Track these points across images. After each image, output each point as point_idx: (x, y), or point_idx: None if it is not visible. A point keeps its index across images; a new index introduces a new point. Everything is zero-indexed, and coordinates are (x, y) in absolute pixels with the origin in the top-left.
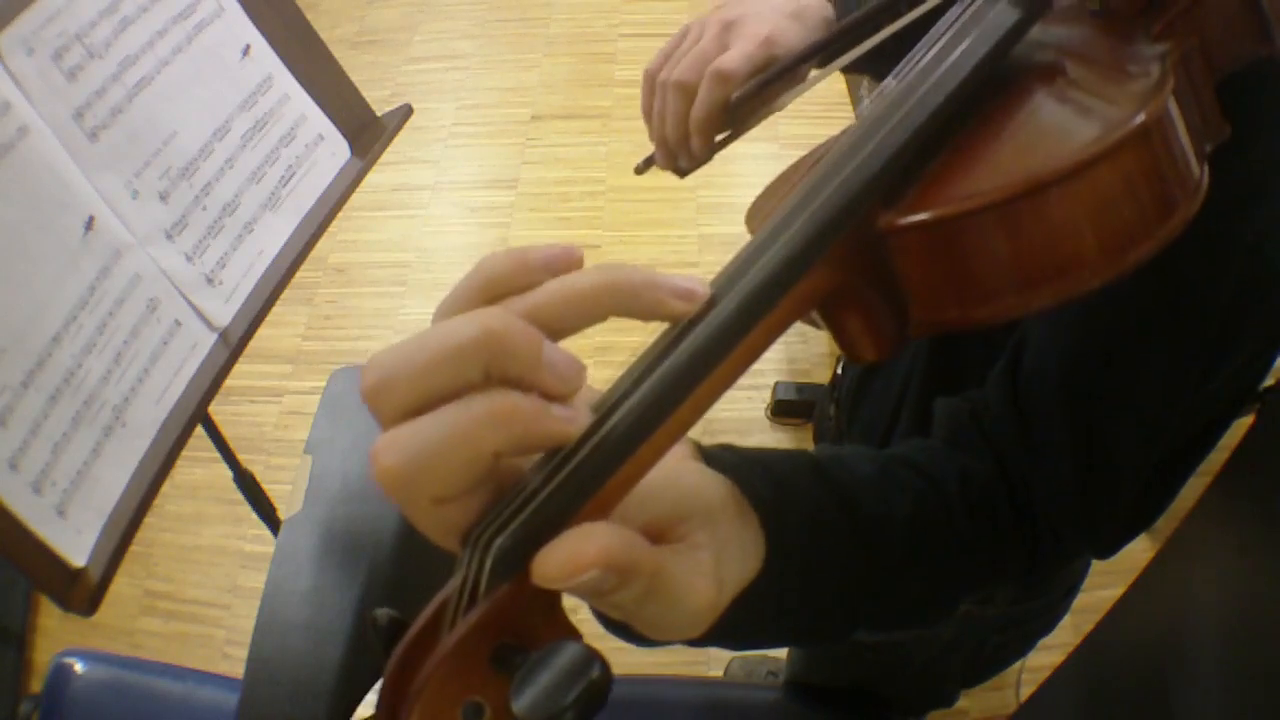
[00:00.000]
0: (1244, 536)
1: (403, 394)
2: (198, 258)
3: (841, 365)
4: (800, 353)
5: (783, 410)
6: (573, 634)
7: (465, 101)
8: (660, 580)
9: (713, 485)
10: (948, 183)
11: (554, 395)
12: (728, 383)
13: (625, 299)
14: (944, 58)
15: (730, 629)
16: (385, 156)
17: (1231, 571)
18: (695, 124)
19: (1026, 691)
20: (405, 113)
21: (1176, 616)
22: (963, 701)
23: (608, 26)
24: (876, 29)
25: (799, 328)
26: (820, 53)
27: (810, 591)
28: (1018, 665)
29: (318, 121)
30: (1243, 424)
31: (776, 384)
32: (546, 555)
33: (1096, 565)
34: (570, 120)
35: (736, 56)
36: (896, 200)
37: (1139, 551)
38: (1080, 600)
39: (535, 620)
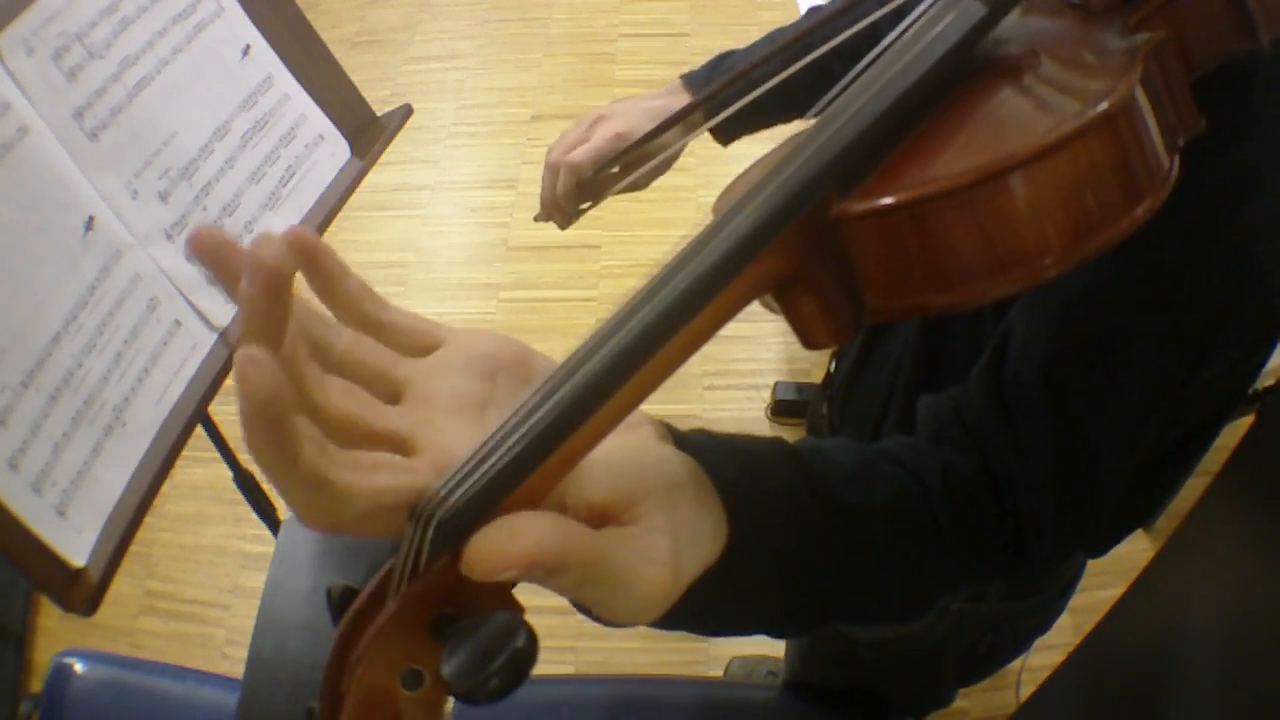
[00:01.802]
0: (1244, 536)
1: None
2: None
3: (834, 363)
4: (800, 353)
5: (783, 410)
6: (511, 605)
7: (465, 101)
8: (599, 570)
9: (675, 465)
10: (904, 170)
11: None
12: (676, 363)
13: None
14: (909, 49)
15: (696, 612)
16: (385, 156)
17: (1232, 571)
18: (558, 195)
19: (1026, 691)
20: (405, 113)
21: (1176, 616)
22: (963, 701)
23: (608, 26)
24: (710, 114)
25: None
26: (642, 145)
27: (781, 577)
28: (1018, 665)
29: (318, 121)
30: (1243, 424)
31: (776, 384)
32: (474, 548)
33: (1096, 565)
34: (570, 120)
35: (585, 150)
36: (853, 188)
37: (1139, 551)
38: (1080, 600)
39: (476, 591)
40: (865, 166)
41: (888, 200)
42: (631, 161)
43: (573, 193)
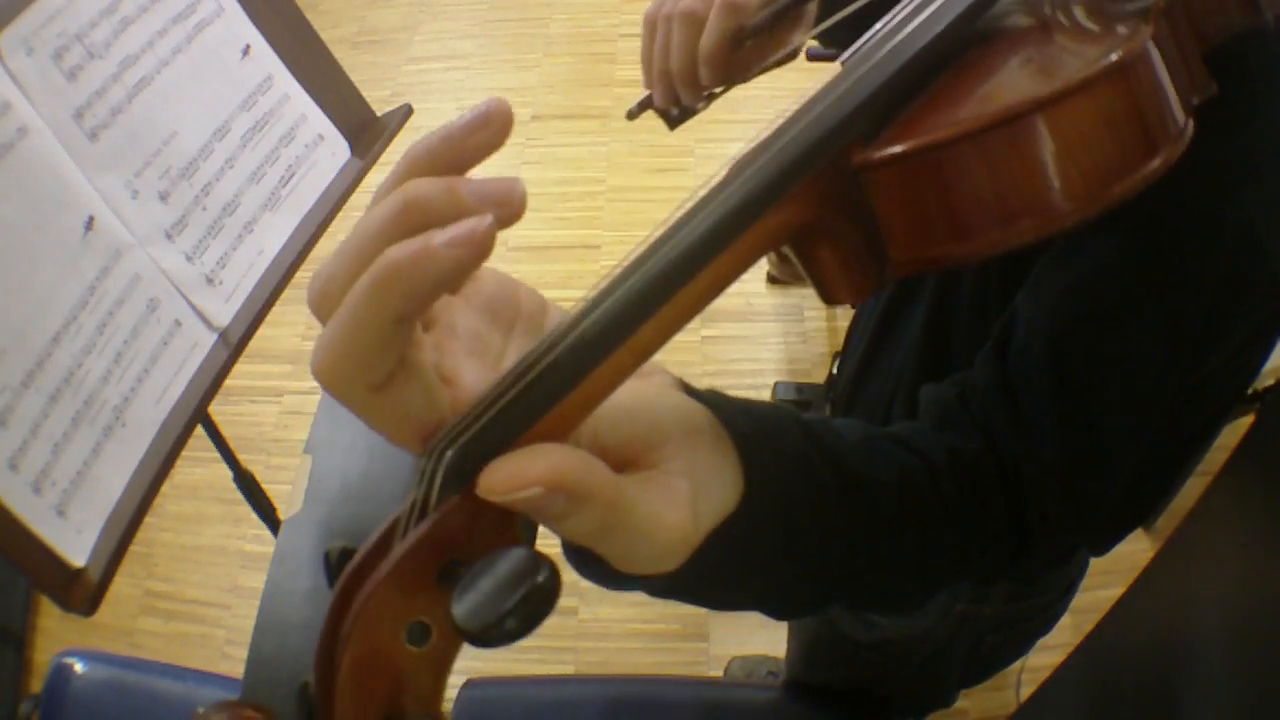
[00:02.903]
0: (1245, 536)
1: (340, 296)
2: (198, 258)
3: (838, 364)
4: (800, 353)
5: None
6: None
7: (465, 101)
8: (621, 513)
9: (692, 412)
10: (925, 118)
11: (500, 221)
12: (695, 307)
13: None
14: (927, 4)
15: (708, 571)
16: (385, 156)
17: (1232, 570)
18: (704, 54)
19: (1026, 691)
20: (405, 113)
21: (1177, 616)
22: (963, 701)
23: (608, 26)
24: None
25: (799, 329)
26: None
27: (791, 540)
28: (1018, 665)
29: (318, 121)
30: (1243, 424)
31: (777, 384)
32: (493, 468)
33: (1096, 565)
34: (570, 120)
35: None
36: (874, 138)
37: (1139, 551)
38: (1080, 600)
39: (489, 538)
40: (886, 117)
41: (910, 145)
42: (787, 22)
43: (726, 46)
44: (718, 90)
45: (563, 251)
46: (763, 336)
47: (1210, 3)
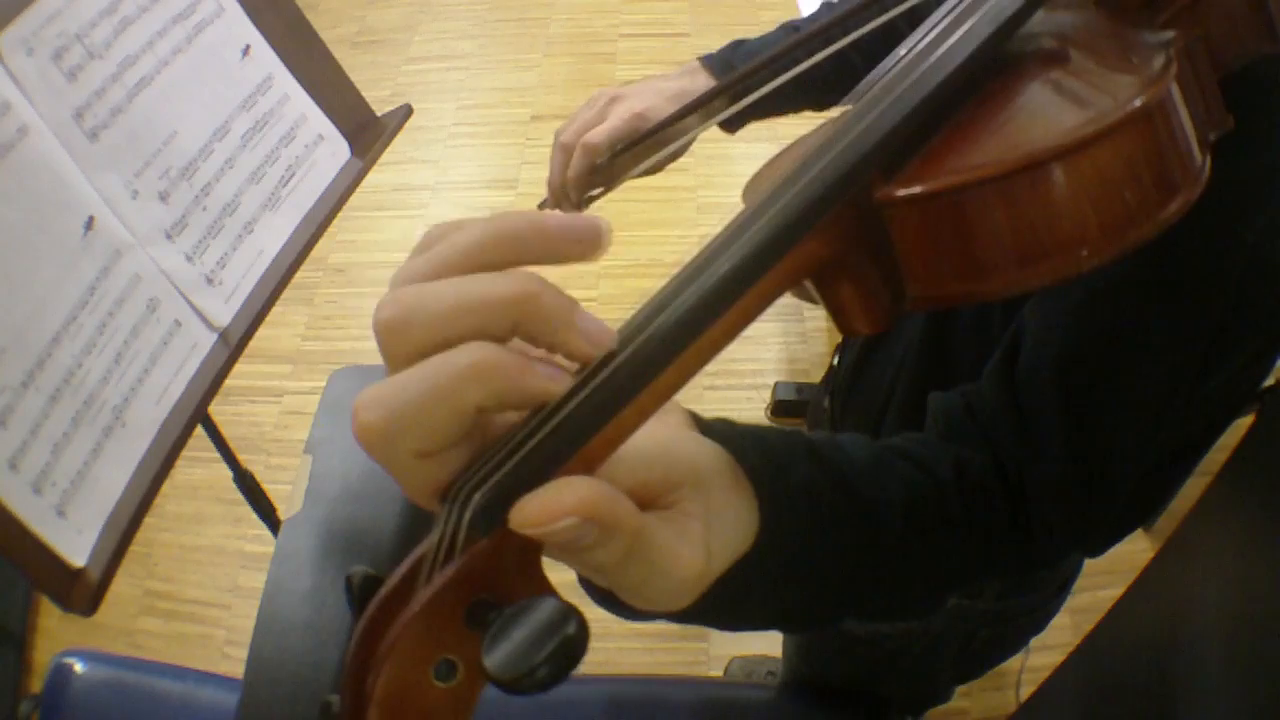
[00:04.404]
0: (1244, 536)
1: (419, 335)
2: (198, 258)
3: (837, 358)
4: (800, 353)
5: (783, 410)
6: (550, 591)
7: (465, 101)
8: (643, 544)
9: (707, 454)
10: (947, 157)
11: (581, 358)
12: (717, 347)
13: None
14: (946, 38)
15: (723, 603)
16: (385, 156)
17: (1232, 571)
18: (568, 182)
19: (1026, 691)
20: (405, 113)
21: (1177, 616)
22: (963, 701)
23: (608, 26)
24: (732, 100)
25: (799, 329)
26: (666, 127)
27: (806, 568)
28: (1018, 665)
29: (318, 121)
30: (1243, 424)
31: (776, 384)
32: (526, 500)
33: (1096, 565)
34: None
35: (603, 130)
36: (895, 173)
37: (1139, 551)
38: (1080, 600)
39: (513, 578)
40: (907, 152)
41: (932, 186)
42: (649, 145)
43: (585, 176)
44: (594, 194)
45: None
46: (763, 336)
47: (1230, 32)
